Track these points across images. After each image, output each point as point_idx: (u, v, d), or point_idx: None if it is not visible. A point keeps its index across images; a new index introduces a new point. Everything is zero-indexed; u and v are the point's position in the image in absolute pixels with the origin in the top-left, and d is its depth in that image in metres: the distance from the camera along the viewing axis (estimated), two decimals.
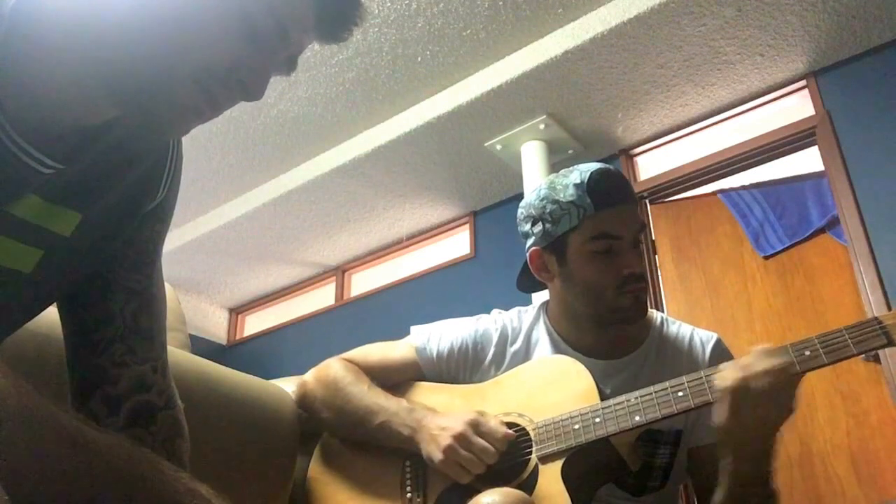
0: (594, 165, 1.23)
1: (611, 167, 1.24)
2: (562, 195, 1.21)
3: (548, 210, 1.22)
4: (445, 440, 1.12)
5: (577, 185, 1.20)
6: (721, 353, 1.26)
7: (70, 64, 0.62)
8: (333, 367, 1.33)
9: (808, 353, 1.01)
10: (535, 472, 1.11)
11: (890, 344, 0.99)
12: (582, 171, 1.22)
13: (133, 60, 0.61)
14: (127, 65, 0.61)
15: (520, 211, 1.31)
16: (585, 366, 1.19)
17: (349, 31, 0.71)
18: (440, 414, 1.19)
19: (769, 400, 0.97)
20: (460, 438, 1.12)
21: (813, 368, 1.00)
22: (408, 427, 1.19)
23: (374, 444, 1.26)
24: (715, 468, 1.18)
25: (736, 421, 0.99)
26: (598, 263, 1.20)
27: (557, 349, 1.28)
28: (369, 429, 1.23)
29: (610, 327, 1.24)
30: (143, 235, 0.81)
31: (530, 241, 1.28)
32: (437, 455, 1.13)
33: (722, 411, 1.00)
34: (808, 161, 2.74)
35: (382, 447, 1.25)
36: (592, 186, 1.19)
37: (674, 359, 1.25)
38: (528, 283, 1.35)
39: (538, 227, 1.25)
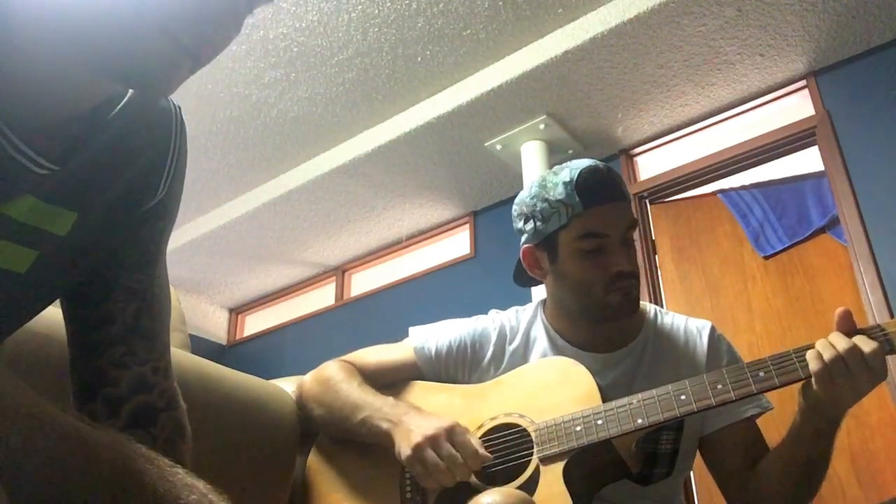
0: (585, 163, 1.23)
1: (601, 165, 1.24)
2: (551, 193, 1.21)
3: (538, 208, 1.23)
4: (417, 438, 1.11)
5: (566, 184, 1.20)
6: (718, 340, 1.27)
7: (52, 49, 0.61)
8: (329, 367, 1.34)
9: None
10: (537, 473, 1.10)
11: (892, 351, 0.99)
12: (572, 169, 1.22)
13: (100, 20, 0.60)
14: (95, 27, 0.60)
15: (514, 208, 1.32)
16: (583, 361, 1.19)
17: None
18: (424, 413, 1.18)
19: (867, 375, 0.99)
20: (432, 440, 1.10)
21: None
22: (388, 421, 1.18)
23: (359, 441, 1.25)
24: (736, 448, 1.20)
25: (835, 397, 1.00)
26: (586, 261, 1.20)
27: (554, 345, 1.28)
28: (353, 424, 1.23)
29: (602, 323, 1.25)
30: (143, 234, 0.80)
31: (523, 239, 1.29)
32: (406, 451, 1.11)
33: (820, 387, 1.00)
34: (808, 161, 2.74)
35: (374, 445, 1.25)
36: (581, 185, 1.19)
37: (672, 348, 1.26)
38: (524, 279, 1.36)
39: (530, 225, 1.25)
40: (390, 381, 1.33)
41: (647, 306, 1.33)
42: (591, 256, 1.20)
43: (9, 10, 0.59)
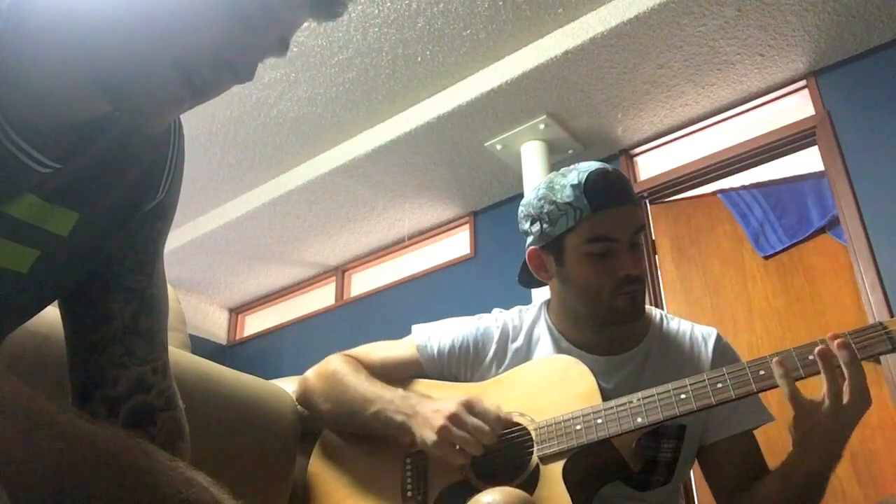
0: (593, 165, 1.22)
1: (609, 167, 1.23)
2: (559, 196, 1.20)
3: (545, 210, 1.22)
4: (439, 421, 1.11)
5: (574, 186, 1.19)
6: (723, 348, 1.27)
7: (60, 57, 0.61)
8: (333, 362, 1.34)
9: (810, 357, 1.01)
10: (536, 472, 1.10)
11: (895, 349, 0.99)
12: (580, 172, 1.20)
13: (114, 47, 0.60)
14: (108, 53, 0.61)
15: (520, 209, 1.31)
16: (587, 363, 1.19)
17: (343, 6, 0.69)
18: (435, 399, 1.19)
19: (850, 402, 0.99)
20: (454, 418, 1.11)
21: (817, 373, 1.01)
22: (402, 413, 1.18)
23: (370, 434, 1.25)
24: (733, 462, 1.20)
25: (818, 424, 1.00)
26: (594, 265, 1.19)
27: (558, 346, 1.28)
28: (365, 417, 1.23)
29: (608, 326, 1.24)
30: (143, 235, 0.80)
31: (529, 240, 1.28)
32: (431, 436, 1.12)
33: (801, 416, 1.00)
34: (808, 161, 2.74)
35: (381, 442, 1.25)
36: (590, 188, 1.18)
37: (676, 354, 1.26)
38: (528, 279, 1.35)
39: (536, 227, 1.24)
40: (393, 377, 1.32)
41: (654, 311, 1.32)
42: (599, 260, 1.19)
43: (26, 19, 0.60)
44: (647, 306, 1.29)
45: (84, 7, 0.60)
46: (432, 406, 1.16)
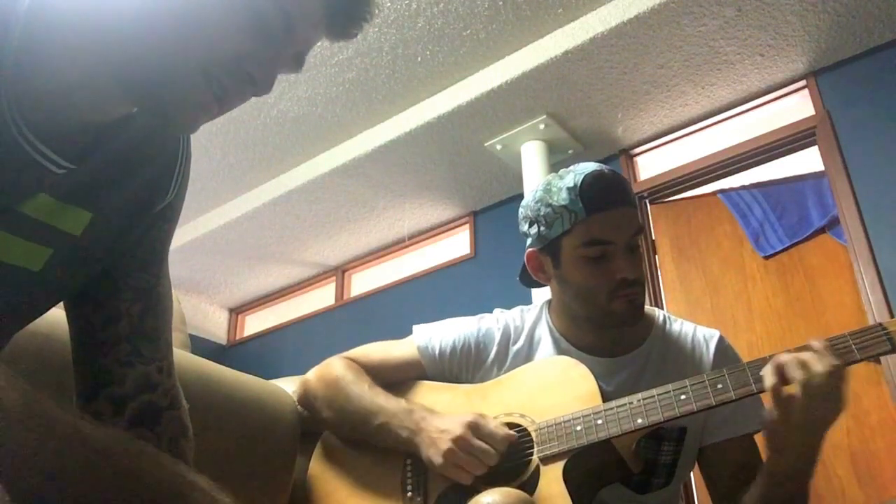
0: (590, 167, 1.21)
1: (606, 169, 1.22)
2: (555, 198, 1.20)
3: (542, 213, 1.22)
4: (445, 444, 1.12)
5: (569, 189, 1.18)
6: (724, 350, 1.26)
7: (81, 60, 0.62)
8: (335, 366, 1.33)
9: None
10: (537, 473, 1.11)
11: (894, 350, 0.98)
12: (576, 174, 1.20)
13: (142, 53, 0.61)
14: (136, 57, 0.62)
15: (519, 211, 1.31)
16: (588, 364, 1.19)
17: (359, 28, 0.71)
18: (439, 415, 1.19)
19: (822, 399, 0.97)
20: (459, 442, 1.12)
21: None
22: (407, 429, 1.19)
23: (373, 445, 1.26)
24: (730, 465, 1.20)
25: (789, 419, 0.99)
26: (590, 268, 1.19)
27: (559, 347, 1.28)
28: (369, 430, 1.23)
29: (607, 328, 1.24)
30: (151, 235, 0.81)
31: (528, 242, 1.28)
32: (438, 459, 1.13)
33: (776, 410, 1.00)
34: (808, 161, 2.74)
35: (376, 446, 1.25)
36: (585, 190, 1.17)
37: (677, 356, 1.25)
38: (529, 280, 1.35)
39: (534, 229, 1.25)
40: (394, 379, 1.33)
41: (657, 312, 1.32)
42: (595, 263, 1.19)
43: (46, 20, 0.60)
44: (651, 307, 1.29)
45: (106, 10, 0.61)
46: (438, 425, 1.16)
